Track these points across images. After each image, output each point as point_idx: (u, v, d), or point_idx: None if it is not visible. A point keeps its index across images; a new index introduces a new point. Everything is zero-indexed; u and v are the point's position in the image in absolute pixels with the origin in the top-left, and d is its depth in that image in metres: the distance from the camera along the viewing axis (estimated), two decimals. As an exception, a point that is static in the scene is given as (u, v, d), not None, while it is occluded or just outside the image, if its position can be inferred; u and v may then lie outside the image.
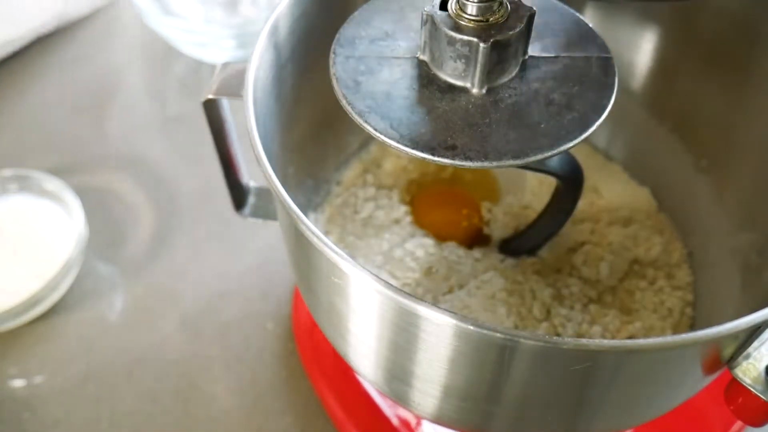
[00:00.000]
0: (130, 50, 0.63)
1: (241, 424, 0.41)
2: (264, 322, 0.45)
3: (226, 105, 0.32)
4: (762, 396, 0.23)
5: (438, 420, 0.29)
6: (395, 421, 0.38)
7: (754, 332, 0.23)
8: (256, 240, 0.49)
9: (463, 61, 0.25)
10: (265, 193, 0.38)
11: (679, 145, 0.40)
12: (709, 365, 0.25)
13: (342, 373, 0.40)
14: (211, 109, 0.32)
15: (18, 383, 0.43)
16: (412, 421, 0.38)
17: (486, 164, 0.24)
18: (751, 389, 0.24)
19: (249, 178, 0.37)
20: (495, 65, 0.25)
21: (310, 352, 0.42)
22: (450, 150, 0.24)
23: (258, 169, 0.25)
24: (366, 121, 0.25)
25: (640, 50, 0.39)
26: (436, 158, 0.24)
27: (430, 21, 0.25)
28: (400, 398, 0.29)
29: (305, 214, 0.32)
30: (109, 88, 0.60)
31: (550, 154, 0.24)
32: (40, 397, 0.42)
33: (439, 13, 0.25)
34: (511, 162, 0.24)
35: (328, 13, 0.34)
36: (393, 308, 0.23)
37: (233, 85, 0.30)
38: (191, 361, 0.43)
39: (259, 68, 0.28)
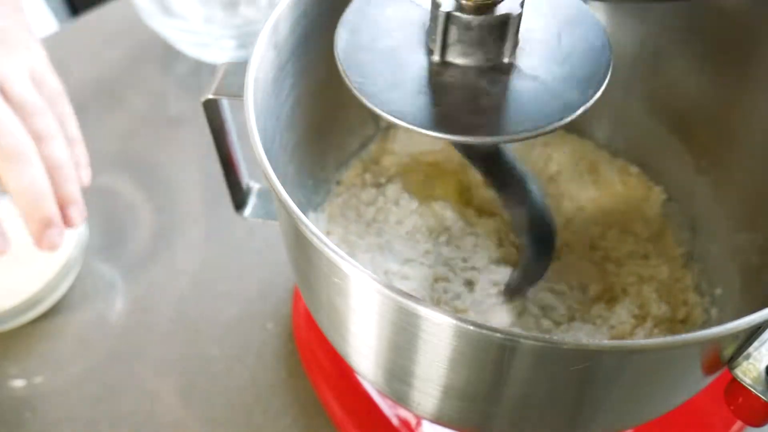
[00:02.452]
0: (130, 50, 0.63)
1: (241, 424, 0.41)
2: (264, 322, 0.45)
3: (226, 105, 0.32)
4: (762, 396, 0.23)
5: (438, 420, 0.29)
6: (395, 421, 0.38)
7: (754, 332, 0.23)
8: (256, 240, 0.49)
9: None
10: (265, 193, 0.38)
11: (679, 145, 0.40)
12: (709, 365, 0.25)
13: (342, 373, 0.40)
14: (211, 109, 0.32)
15: (18, 383, 0.43)
16: (412, 421, 0.38)
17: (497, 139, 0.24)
18: (751, 389, 0.24)
19: (249, 179, 0.37)
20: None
21: (310, 352, 0.42)
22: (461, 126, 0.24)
23: (258, 169, 0.25)
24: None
25: (640, 50, 0.39)
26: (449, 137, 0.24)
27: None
28: (400, 398, 0.29)
29: (305, 214, 0.32)
30: (109, 88, 0.60)
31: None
32: (41, 397, 0.42)
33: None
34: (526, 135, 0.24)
35: (328, 13, 0.34)
36: (393, 308, 0.23)
37: (233, 85, 0.30)
38: (191, 361, 0.43)
39: (259, 68, 0.28)
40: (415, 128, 0.24)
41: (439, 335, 0.23)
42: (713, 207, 0.38)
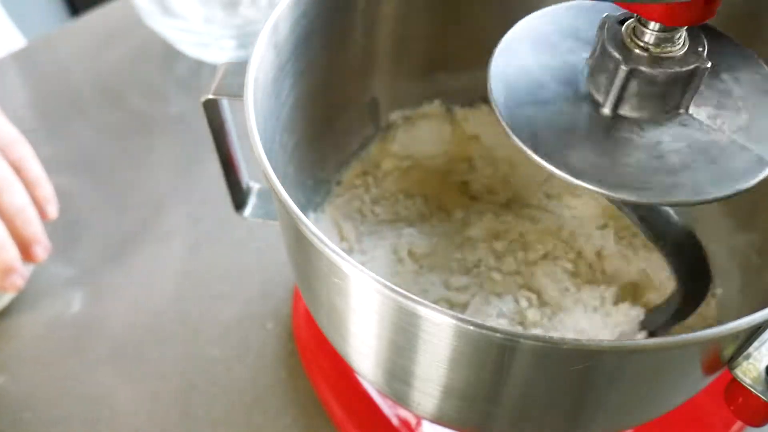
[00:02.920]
0: (130, 50, 0.63)
1: (241, 424, 0.41)
2: (264, 322, 0.45)
3: (226, 105, 0.32)
4: (762, 396, 0.23)
5: (438, 420, 0.29)
6: (395, 421, 0.38)
7: (754, 332, 0.23)
8: (256, 240, 0.49)
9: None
10: (265, 193, 0.38)
11: (679, 145, 0.40)
12: (709, 365, 0.25)
13: (342, 373, 0.40)
14: (211, 109, 0.32)
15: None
16: (412, 421, 0.38)
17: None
18: (751, 389, 0.24)
19: (249, 179, 0.37)
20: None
21: (310, 352, 0.42)
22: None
23: (258, 169, 0.25)
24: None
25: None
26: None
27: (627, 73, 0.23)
28: (400, 398, 0.29)
29: (305, 214, 0.32)
30: (109, 88, 0.60)
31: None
32: (41, 398, 0.42)
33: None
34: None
35: (328, 13, 0.34)
36: (393, 308, 0.23)
37: (233, 85, 0.30)
38: (191, 361, 0.43)
39: (259, 68, 0.28)
40: (608, 193, 0.23)
41: (439, 335, 0.23)
42: (713, 207, 0.38)
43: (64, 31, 0.66)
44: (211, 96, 0.31)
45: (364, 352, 0.28)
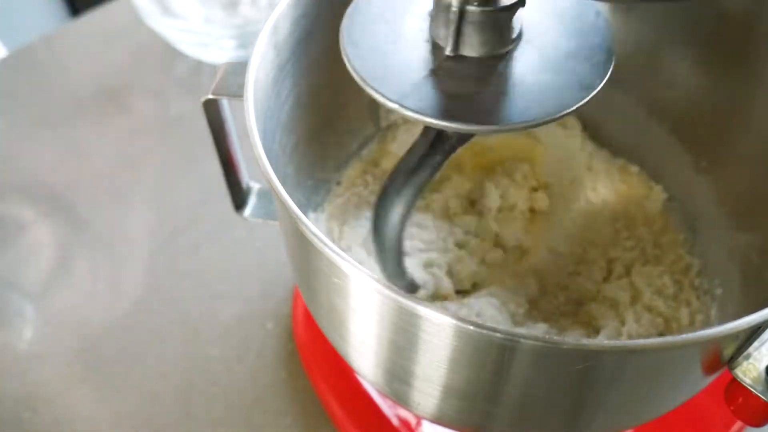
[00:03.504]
0: (130, 50, 0.63)
1: (241, 424, 0.41)
2: (264, 322, 0.45)
3: (226, 105, 0.32)
4: (762, 396, 0.23)
5: (438, 420, 0.29)
6: (395, 421, 0.38)
7: (754, 332, 0.23)
8: (256, 240, 0.49)
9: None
10: (265, 193, 0.38)
11: (679, 146, 0.40)
12: (709, 365, 0.25)
13: (342, 373, 0.40)
14: (211, 109, 0.32)
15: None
16: (412, 421, 0.38)
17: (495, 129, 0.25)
18: (751, 389, 0.24)
19: (249, 179, 0.37)
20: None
21: (310, 352, 0.42)
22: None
23: (258, 169, 0.25)
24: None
25: (639, 50, 0.39)
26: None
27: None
28: (400, 398, 0.29)
29: (305, 214, 0.32)
30: (109, 88, 0.60)
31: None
32: (41, 398, 0.42)
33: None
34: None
35: (328, 13, 0.34)
36: (393, 308, 0.23)
37: (233, 85, 0.30)
38: (191, 361, 0.43)
39: (259, 68, 0.28)
40: (433, 121, 0.25)
41: (439, 335, 0.23)
42: (713, 207, 0.38)
43: (64, 31, 0.66)
44: (211, 96, 0.31)
45: (364, 352, 0.28)
